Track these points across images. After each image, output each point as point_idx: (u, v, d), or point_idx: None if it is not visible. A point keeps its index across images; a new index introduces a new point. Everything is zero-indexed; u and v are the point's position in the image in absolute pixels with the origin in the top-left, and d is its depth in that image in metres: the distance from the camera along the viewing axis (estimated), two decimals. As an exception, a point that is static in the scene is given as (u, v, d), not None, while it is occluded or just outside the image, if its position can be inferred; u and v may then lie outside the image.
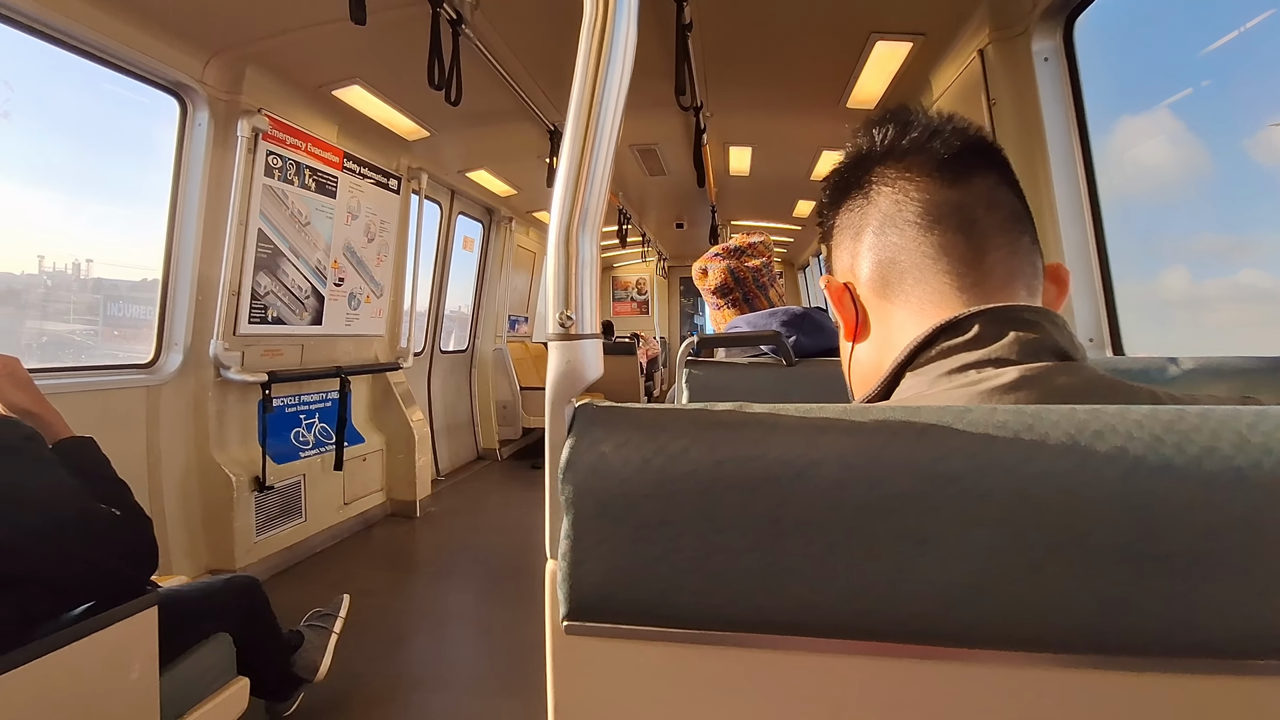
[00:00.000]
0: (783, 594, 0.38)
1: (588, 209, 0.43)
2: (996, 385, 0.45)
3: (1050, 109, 2.03)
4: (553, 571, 0.42)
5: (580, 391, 0.43)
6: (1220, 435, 0.34)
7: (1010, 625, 0.36)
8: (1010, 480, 0.35)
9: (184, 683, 1.34)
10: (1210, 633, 0.34)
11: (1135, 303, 1.94)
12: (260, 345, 3.15)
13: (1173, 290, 1.95)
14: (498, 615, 2.76)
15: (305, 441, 3.44)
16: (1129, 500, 0.34)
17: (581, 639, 0.41)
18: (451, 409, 5.56)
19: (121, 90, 2.54)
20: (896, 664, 0.38)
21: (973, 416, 0.37)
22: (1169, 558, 0.34)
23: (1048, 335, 0.48)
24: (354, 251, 3.68)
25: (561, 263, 0.43)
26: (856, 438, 0.37)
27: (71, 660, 1.03)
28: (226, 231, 2.80)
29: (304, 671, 1.87)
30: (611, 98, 0.43)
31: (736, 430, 0.39)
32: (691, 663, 0.40)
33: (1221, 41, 1.65)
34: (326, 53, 2.77)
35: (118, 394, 2.55)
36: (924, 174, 0.54)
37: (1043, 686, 0.37)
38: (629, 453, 0.39)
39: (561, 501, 0.40)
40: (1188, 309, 1.91)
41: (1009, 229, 0.52)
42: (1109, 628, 0.35)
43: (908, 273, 0.53)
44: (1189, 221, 1.93)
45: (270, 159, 2.97)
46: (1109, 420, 0.35)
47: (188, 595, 1.48)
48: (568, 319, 0.43)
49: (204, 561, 2.87)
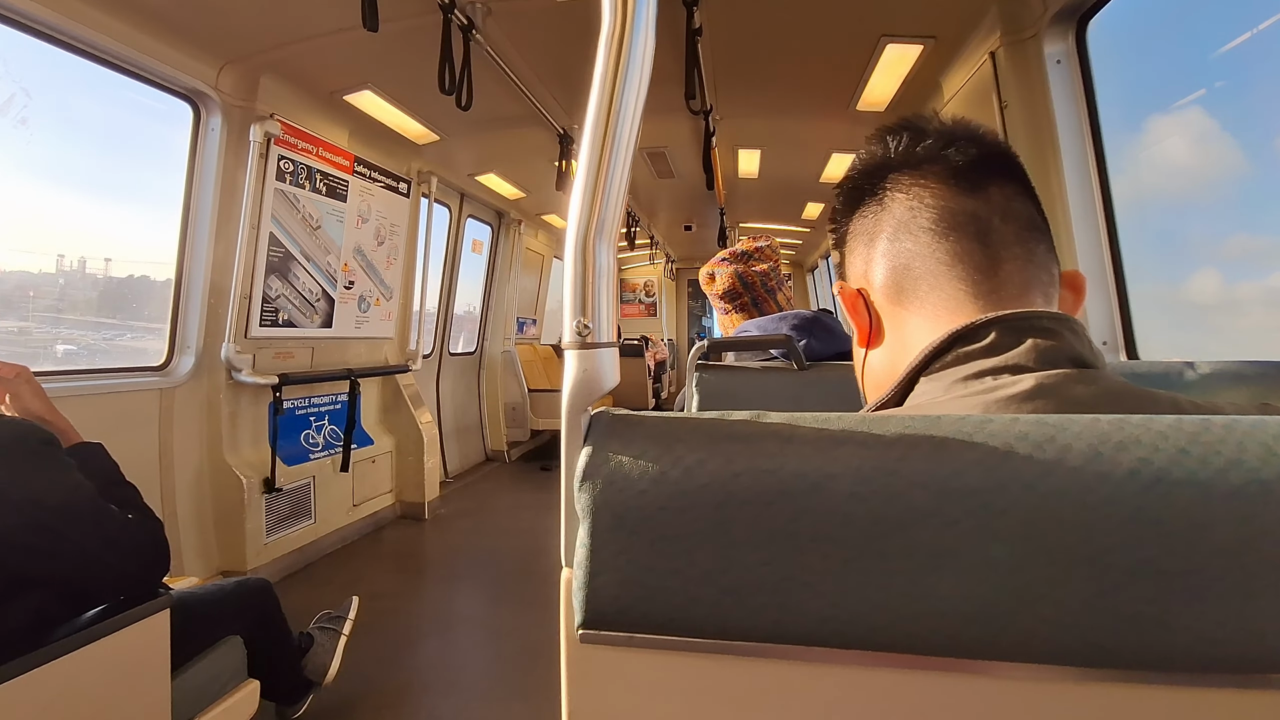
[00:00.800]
0: (798, 607, 0.37)
1: (605, 219, 0.43)
2: (1013, 393, 0.45)
3: (1063, 112, 2.02)
4: (568, 580, 0.42)
5: (597, 400, 0.43)
6: (1246, 448, 0.33)
7: (1030, 640, 0.35)
8: (1029, 496, 0.34)
9: (196, 686, 1.35)
10: (1235, 649, 0.33)
11: (1163, 306, 1.88)
12: (271, 348, 3.17)
13: (1203, 293, 1.88)
14: (508, 619, 2.76)
15: (315, 443, 3.46)
16: (1152, 514, 0.33)
17: (597, 648, 0.41)
18: (460, 411, 5.58)
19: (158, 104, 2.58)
20: (913, 677, 0.37)
21: (993, 428, 0.36)
22: (1193, 573, 0.33)
23: (1066, 342, 0.47)
24: (364, 254, 3.71)
25: (579, 272, 0.43)
26: (873, 450, 0.37)
27: (84, 663, 1.04)
28: (239, 235, 2.83)
29: (314, 674, 1.88)
30: (629, 108, 0.44)
31: (752, 442, 0.39)
32: (707, 675, 0.40)
33: (1245, 37, 1.63)
34: (339, 59, 2.79)
35: (131, 396, 2.57)
36: (939, 181, 0.54)
37: (1063, 702, 0.36)
38: (645, 464, 0.39)
39: (577, 510, 0.40)
40: (1219, 313, 1.84)
41: (1025, 238, 0.52)
42: (1131, 644, 0.34)
43: (922, 279, 0.53)
44: (1221, 223, 1.86)
45: (282, 163, 3.00)
46: (1133, 432, 0.35)
47: (200, 598, 1.49)
48: (585, 328, 0.43)
49: (215, 563, 2.89)
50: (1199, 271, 1.91)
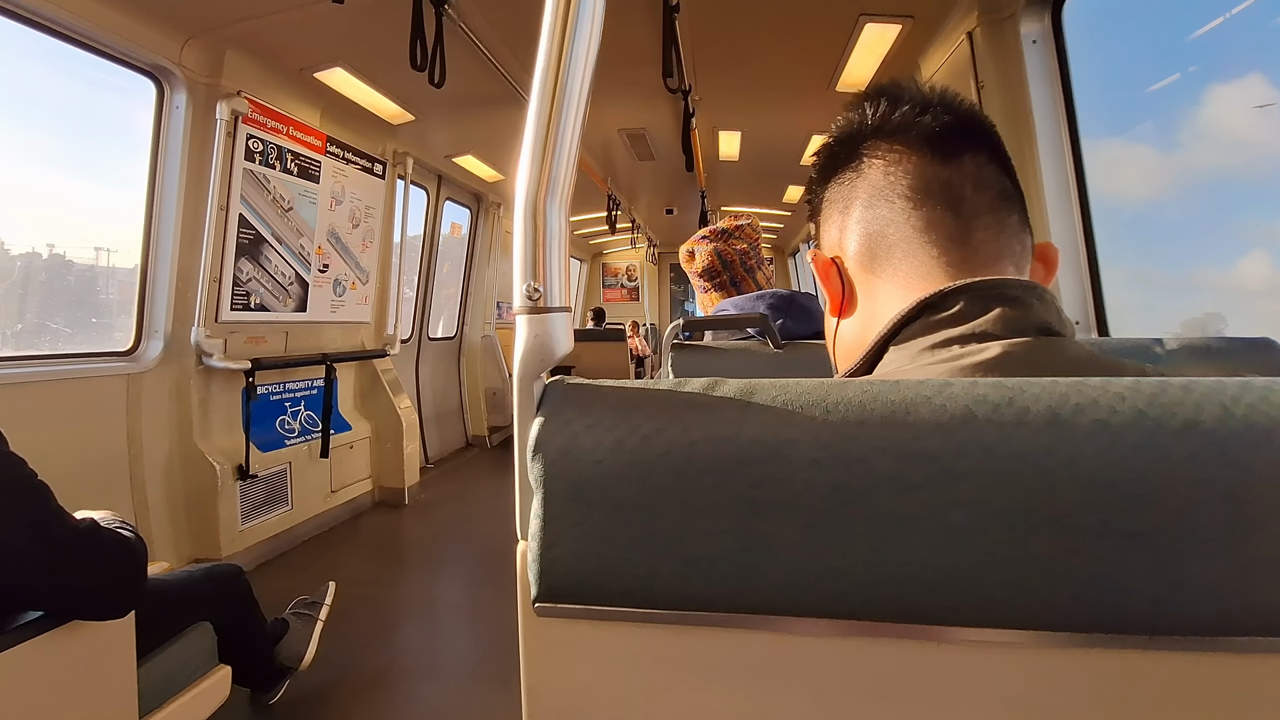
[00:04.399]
0: (758, 575, 0.37)
1: (556, 179, 0.41)
2: (978, 361, 0.44)
3: (1038, 93, 2.02)
4: (523, 552, 0.41)
5: (550, 367, 0.42)
6: (1204, 408, 0.33)
7: (990, 605, 0.35)
8: (989, 459, 0.34)
9: (164, 673, 1.32)
10: (1193, 610, 0.33)
11: (1212, 291, 1.78)
12: (243, 332, 3.10)
13: (1253, 278, 1.76)
14: (486, 603, 2.75)
15: (291, 429, 3.41)
16: (1110, 476, 0.33)
17: (554, 620, 0.40)
18: (440, 396, 5.53)
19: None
20: (876, 644, 0.37)
21: (952, 391, 0.36)
22: (1151, 534, 0.33)
23: (1033, 311, 0.47)
24: (339, 237, 3.63)
25: (529, 233, 0.41)
26: (833, 415, 0.36)
27: (46, 650, 1.01)
28: (206, 217, 2.75)
29: (289, 660, 1.86)
30: (579, 63, 0.42)
31: (711, 410, 0.38)
32: (667, 645, 0.40)
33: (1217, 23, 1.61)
34: (308, 35, 2.71)
35: (97, 382, 2.50)
36: (915, 149, 0.53)
37: (1024, 665, 0.36)
38: (601, 433, 0.38)
39: (530, 481, 0.39)
40: (1270, 298, 1.70)
41: (997, 208, 0.52)
42: (1090, 606, 0.34)
43: (896, 246, 0.53)
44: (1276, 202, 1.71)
45: (251, 143, 2.91)
46: (1091, 393, 0.34)
47: (169, 584, 1.46)
48: (535, 291, 0.41)
49: (188, 551, 2.85)
50: (1250, 254, 1.78)
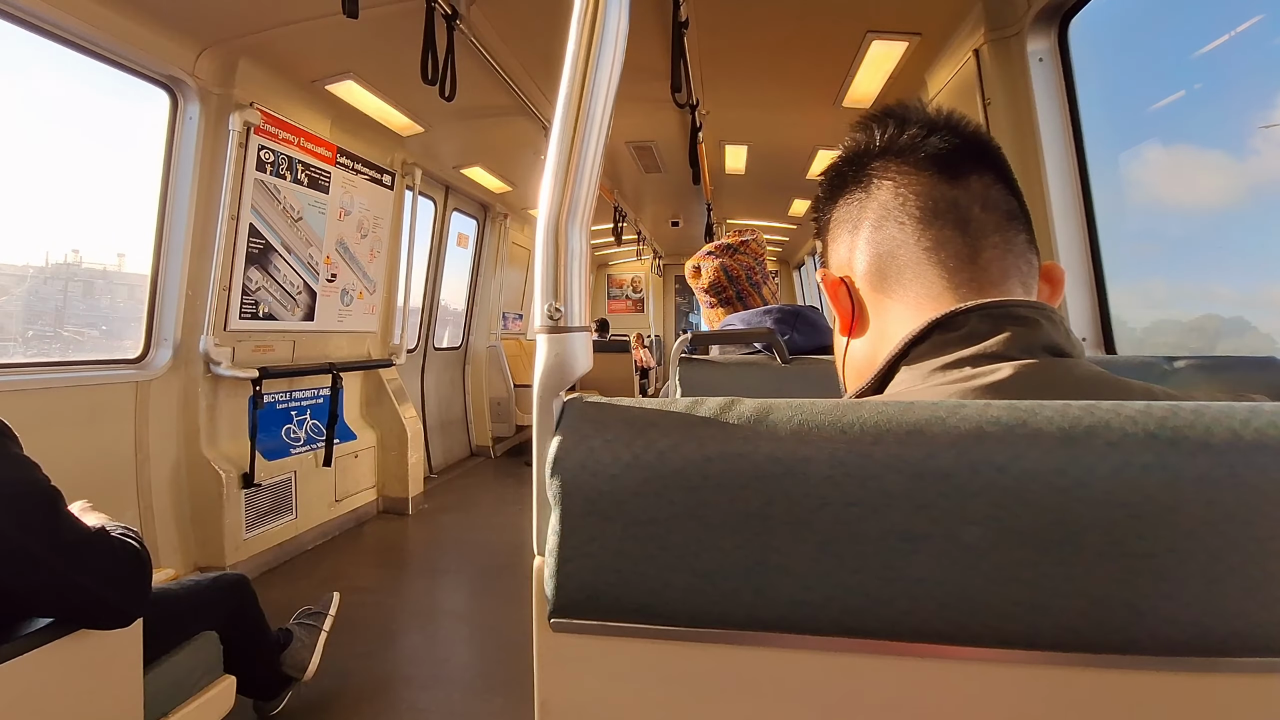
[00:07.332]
0: (772, 592, 0.37)
1: (577, 201, 0.42)
2: (990, 382, 0.45)
3: (1045, 109, 2.03)
4: (540, 567, 0.41)
5: (569, 385, 0.42)
6: (1214, 432, 0.34)
7: (1001, 623, 0.35)
8: (1001, 478, 0.34)
9: (169, 681, 1.32)
10: (1200, 631, 0.33)
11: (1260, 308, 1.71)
12: (251, 341, 3.12)
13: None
14: (490, 613, 2.75)
15: (296, 438, 3.42)
16: (1121, 498, 0.33)
17: (568, 636, 0.41)
18: (445, 406, 5.54)
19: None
20: (887, 662, 0.37)
21: (966, 412, 0.36)
22: (1162, 555, 0.33)
23: (1043, 331, 0.48)
24: (347, 247, 3.66)
25: (550, 255, 0.42)
26: (847, 434, 0.37)
27: (54, 658, 1.01)
28: (217, 226, 2.77)
29: (293, 670, 1.85)
30: (602, 89, 0.43)
31: (726, 427, 0.38)
32: (680, 661, 0.40)
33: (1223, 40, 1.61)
34: (320, 47, 2.74)
35: (106, 389, 2.52)
36: (923, 169, 0.54)
37: (1034, 684, 0.36)
38: (618, 449, 0.39)
39: (549, 497, 0.40)
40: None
41: (1004, 227, 0.53)
42: (1101, 626, 0.34)
43: (906, 267, 0.53)
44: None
45: (262, 153, 2.95)
46: (1103, 416, 0.35)
47: (174, 593, 1.46)
48: (557, 311, 0.42)
49: (193, 558, 2.85)
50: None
